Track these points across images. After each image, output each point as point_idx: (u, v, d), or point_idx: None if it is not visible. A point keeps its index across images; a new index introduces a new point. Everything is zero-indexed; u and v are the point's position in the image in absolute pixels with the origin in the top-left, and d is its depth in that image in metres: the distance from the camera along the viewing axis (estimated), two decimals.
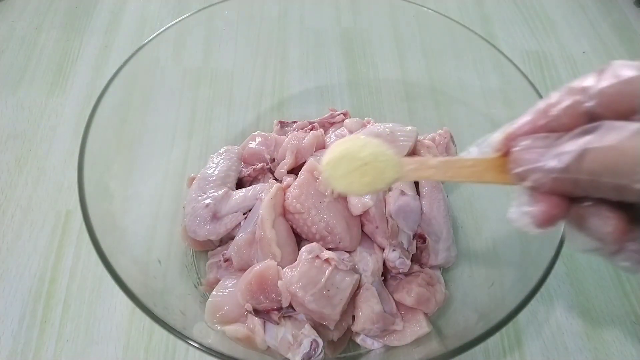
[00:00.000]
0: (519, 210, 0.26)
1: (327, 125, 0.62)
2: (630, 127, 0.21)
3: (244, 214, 0.48)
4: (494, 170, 0.28)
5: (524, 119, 0.27)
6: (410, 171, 0.30)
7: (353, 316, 0.44)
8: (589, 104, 0.23)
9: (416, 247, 0.48)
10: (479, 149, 0.29)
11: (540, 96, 0.47)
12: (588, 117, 0.23)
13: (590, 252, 0.25)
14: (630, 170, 0.20)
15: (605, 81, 0.23)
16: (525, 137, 0.26)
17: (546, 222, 0.25)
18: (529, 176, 0.25)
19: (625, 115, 0.22)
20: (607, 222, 0.23)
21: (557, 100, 0.25)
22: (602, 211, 0.23)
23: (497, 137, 0.28)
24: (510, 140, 0.27)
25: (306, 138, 0.53)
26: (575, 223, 0.25)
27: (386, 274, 0.48)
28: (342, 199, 0.47)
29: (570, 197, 0.24)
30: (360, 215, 0.47)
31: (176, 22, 0.53)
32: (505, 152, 0.27)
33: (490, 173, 0.28)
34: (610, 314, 0.53)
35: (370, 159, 0.30)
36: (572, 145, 0.22)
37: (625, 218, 0.23)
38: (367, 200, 0.46)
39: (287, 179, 0.49)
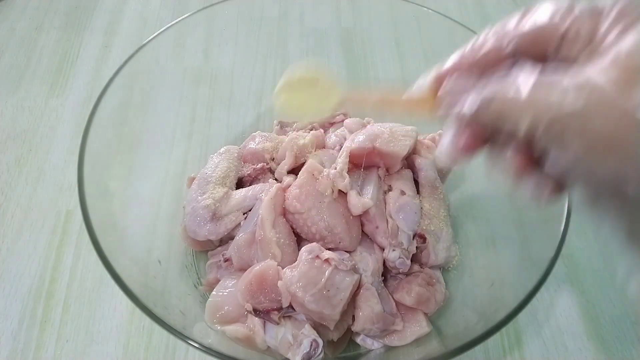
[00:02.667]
0: (444, 140, 0.30)
1: (327, 125, 0.62)
2: (520, 79, 0.23)
3: (244, 214, 0.48)
4: (423, 106, 0.32)
5: (451, 61, 0.30)
6: (353, 102, 0.35)
7: (353, 316, 0.44)
8: (508, 49, 0.27)
9: (416, 247, 0.48)
10: (416, 87, 0.32)
11: None
12: (510, 57, 0.27)
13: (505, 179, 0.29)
14: (515, 118, 0.23)
15: (524, 26, 0.26)
16: (450, 78, 0.29)
17: (462, 152, 0.28)
18: (449, 116, 0.28)
19: (539, 58, 0.25)
20: (507, 161, 0.27)
21: (482, 41, 0.28)
22: (505, 151, 0.27)
23: (429, 77, 0.31)
24: (439, 81, 0.30)
25: (306, 138, 0.53)
26: (489, 158, 0.29)
27: (386, 274, 0.48)
28: (342, 199, 0.47)
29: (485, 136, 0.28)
30: (360, 215, 0.47)
31: (176, 22, 0.54)
32: (436, 89, 0.30)
33: (420, 109, 0.32)
34: (610, 314, 0.53)
35: (318, 85, 0.34)
36: (479, 95, 0.25)
37: (525, 157, 0.26)
38: (367, 200, 0.46)
39: (287, 179, 0.49)
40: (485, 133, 0.27)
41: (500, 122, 0.24)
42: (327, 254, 0.42)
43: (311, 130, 0.59)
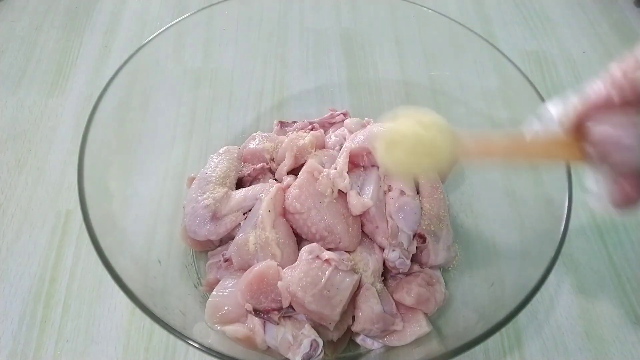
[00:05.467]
0: (595, 191, 0.25)
1: (327, 125, 0.62)
2: None
3: (244, 214, 0.48)
4: (566, 148, 0.26)
5: (594, 92, 0.24)
6: (473, 153, 0.28)
7: (353, 316, 0.44)
8: None
9: (416, 247, 0.48)
10: (543, 123, 0.26)
11: (540, 96, 0.47)
12: None
13: None
14: None
15: None
16: (601, 115, 0.24)
17: (626, 203, 0.24)
18: (610, 158, 0.23)
19: None
20: None
21: (625, 69, 0.23)
22: None
23: (566, 112, 0.25)
24: (583, 117, 0.25)
25: (306, 138, 0.53)
26: None
27: (386, 274, 0.48)
28: (342, 199, 0.47)
29: None
30: (360, 215, 0.47)
31: (176, 22, 0.53)
32: (577, 130, 0.25)
33: (563, 151, 0.26)
34: (610, 314, 0.53)
35: (429, 138, 0.28)
36: None
37: None
38: (367, 200, 0.46)
39: (287, 179, 0.49)
40: None
41: None
42: (327, 254, 0.42)
43: (311, 130, 0.59)
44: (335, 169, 0.47)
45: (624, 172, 0.23)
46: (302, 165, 0.49)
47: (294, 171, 0.51)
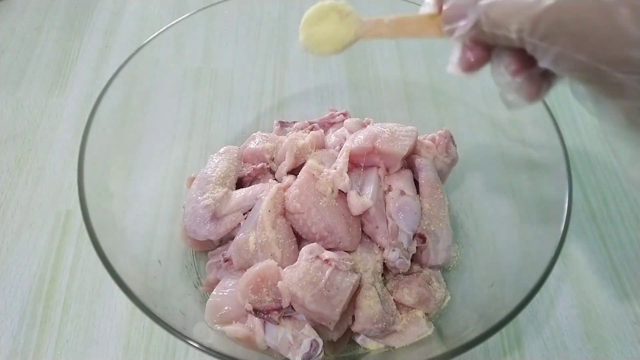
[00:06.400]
0: (452, 58, 0.31)
1: (327, 125, 0.62)
2: None
3: (244, 214, 0.48)
4: (433, 26, 0.32)
5: None
6: (369, 30, 0.35)
7: (353, 316, 0.44)
8: None
9: (416, 247, 0.48)
10: (424, 5, 0.33)
11: None
12: None
13: (505, 86, 0.30)
14: (506, 22, 0.25)
15: None
16: None
17: (469, 67, 0.30)
18: (454, 32, 0.29)
19: None
20: (505, 62, 0.29)
21: None
22: (504, 54, 0.29)
23: None
24: None
25: (306, 138, 0.53)
26: (494, 64, 0.30)
27: (386, 274, 0.48)
28: (342, 199, 0.47)
29: (490, 45, 0.29)
30: (360, 215, 0.47)
31: (176, 22, 0.54)
32: (440, 8, 0.31)
33: (430, 29, 0.32)
34: (610, 314, 0.53)
35: (337, 17, 0.35)
36: (476, 8, 0.27)
37: (521, 58, 0.28)
38: (367, 200, 0.46)
39: (287, 179, 0.49)
40: (487, 42, 0.28)
41: (496, 29, 0.26)
42: (327, 254, 0.42)
43: (311, 130, 0.59)
44: (335, 169, 0.47)
45: (466, 42, 0.30)
46: (302, 165, 0.49)
47: (294, 171, 0.51)
